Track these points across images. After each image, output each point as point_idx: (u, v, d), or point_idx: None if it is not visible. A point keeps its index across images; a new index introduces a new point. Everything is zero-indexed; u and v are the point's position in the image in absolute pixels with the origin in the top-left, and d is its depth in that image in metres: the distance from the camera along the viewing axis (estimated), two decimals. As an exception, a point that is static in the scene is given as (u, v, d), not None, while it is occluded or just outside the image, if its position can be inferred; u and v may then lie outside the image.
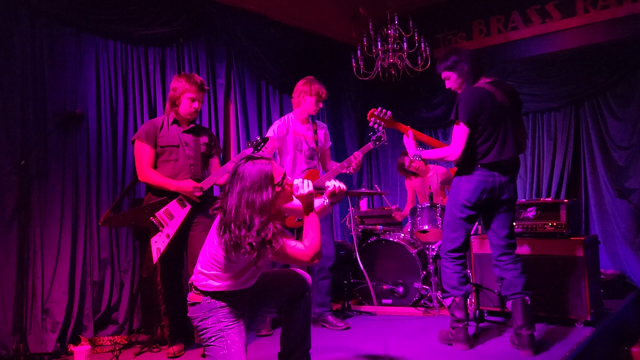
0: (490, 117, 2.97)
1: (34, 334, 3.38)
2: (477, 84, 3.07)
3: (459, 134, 2.97)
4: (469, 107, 2.95)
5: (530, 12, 5.43)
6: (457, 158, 2.98)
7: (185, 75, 3.34)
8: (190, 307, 2.35)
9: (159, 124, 3.31)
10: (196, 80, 3.28)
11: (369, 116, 3.34)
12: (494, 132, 2.99)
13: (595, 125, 5.22)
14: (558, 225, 3.56)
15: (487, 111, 2.97)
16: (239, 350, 2.25)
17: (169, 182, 3.18)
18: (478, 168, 3.01)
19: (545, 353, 2.93)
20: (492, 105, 2.98)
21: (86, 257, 3.72)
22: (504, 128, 3.01)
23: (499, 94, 3.02)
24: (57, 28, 3.68)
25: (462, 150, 2.95)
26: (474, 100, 2.98)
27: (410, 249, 4.27)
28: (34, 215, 3.48)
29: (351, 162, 3.72)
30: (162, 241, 3.14)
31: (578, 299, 3.43)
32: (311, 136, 3.86)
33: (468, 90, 3.07)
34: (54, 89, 3.63)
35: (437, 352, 3.09)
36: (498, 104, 3.00)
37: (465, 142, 2.95)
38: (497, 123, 2.99)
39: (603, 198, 5.15)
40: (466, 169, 3.04)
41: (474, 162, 3.01)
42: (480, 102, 2.97)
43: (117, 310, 3.83)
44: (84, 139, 3.78)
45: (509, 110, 3.04)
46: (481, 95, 3.00)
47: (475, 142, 2.99)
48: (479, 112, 2.95)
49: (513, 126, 3.06)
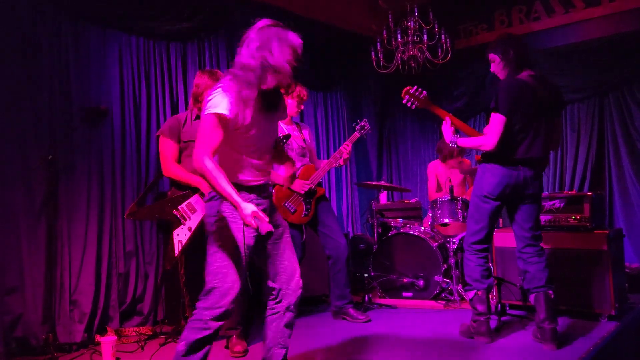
0: (526, 112, 2.93)
1: (62, 324, 3.46)
2: (519, 76, 3.02)
3: (495, 123, 2.92)
4: (509, 97, 2.91)
5: (554, 2, 5.34)
6: (492, 148, 2.93)
7: (208, 71, 3.38)
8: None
9: (182, 120, 3.36)
10: (218, 77, 3.31)
11: (404, 93, 3.28)
12: (526, 127, 2.94)
13: (620, 117, 5.12)
14: (582, 219, 3.52)
15: (524, 105, 2.92)
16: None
17: (192, 177, 3.23)
18: (504, 161, 2.97)
19: (568, 347, 2.92)
20: (530, 100, 2.93)
21: (112, 250, 3.79)
22: (537, 125, 2.97)
23: (540, 90, 2.97)
24: (82, 25, 3.74)
25: (497, 140, 2.90)
26: (514, 90, 2.93)
27: (431, 242, 4.26)
28: (62, 209, 3.55)
29: (342, 153, 3.77)
30: (184, 234, 3.19)
31: (602, 293, 3.40)
32: (298, 136, 3.91)
33: (509, 80, 3.01)
34: (79, 85, 3.69)
35: (459, 345, 3.09)
36: (537, 100, 2.95)
37: (501, 132, 2.90)
38: (532, 119, 2.95)
39: (628, 190, 5.06)
40: (492, 160, 3.01)
41: (501, 155, 2.97)
42: (519, 94, 2.92)
43: (142, 302, 3.89)
44: (108, 134, 3.85)
45: (547, 107, 2.99)
46: (522, 87, 2.95)
47: (507, 134, 2.94)
48: (517, 103, 2.91)
49: (547, 125, 3.01)
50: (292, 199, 3.75)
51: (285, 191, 3.75)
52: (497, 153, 2.97)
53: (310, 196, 3.79)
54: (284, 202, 3.73)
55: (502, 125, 2.90)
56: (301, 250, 3.77)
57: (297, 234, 3.74)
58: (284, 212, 3.71)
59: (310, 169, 3.86)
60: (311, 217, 3.79)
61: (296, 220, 3.72)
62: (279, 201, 3.74)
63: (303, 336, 3.49)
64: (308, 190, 3.76)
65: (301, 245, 3.77)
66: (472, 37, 5.92)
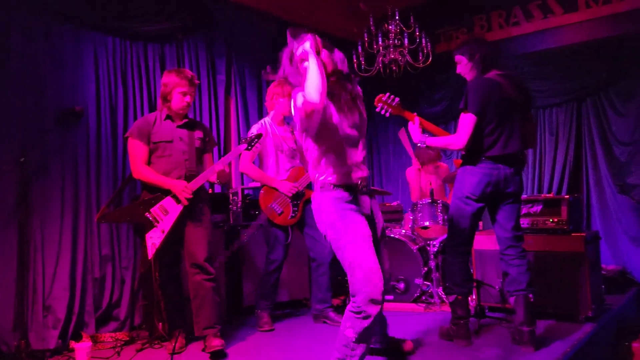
0: (498, 109, 2.94)
1: (35, 330, 3.37)
2: (487, 75, 3.04)
3: (465, 122, 2.93)
4: (478, 96, 2.93)
5: (532, 7, 5.40)
6: (461, 147, 2.94)
7: (176, 70, 3.33)
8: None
9: (152, 120, 3.30)
10: (187, 75, 3.27)
11: (377, 101, 3.28)
12: (500, 124, 2.96)
13: (597, 121, 5.20)
14: (559, 222, 3.55)
15: (495, 102, 2.94)
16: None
17: (162, 180, 3.18)
18: (483, 160, 2.98)
19: (546, 349, 2.93)
20: (500, 97, 2.95)
21: (87, 254, 3.71)
22: (511, 121, 2.99)
23: (509, 87, 3.00)
24: (56, 24, 3.67)
25: (467, 139, 2.92)
26: (483, 90, 2.95)
27: (412, 245, 4.26)
28: (34, 212, 3.47)
29: None
30: (157, 236, 3.14)
31: (579, 295, 3.43)
32: (290, 137, 3.88)
33: (477, 80, 3.04)
34: (53, 85, 3.62)
35: (438, 348, 3.09)
36: (507, 97, 2.97)
37: (471, 132, 2.92)
38: (505, 116, 2.97)
39: (605, 194, 5.13)
40: (471, 161, 3.02)
41: (479, 154, 2.99)
42: (489, 92, 2.94)
43: (119, 307, 3.82)
44: (83, 136, 3.78)
45: (517, 104, 3.02)
46: (490, 85, 2.97)
47: (481, 133, 2.96)
48: (487, 102, 2.93)
49: (521, 120, 3.04)
50: (279, 200, 3.72)
51: (273, 192, 3.72)
52: (475, 153, 2.99)
53: (297, 198, 3.77)
54: (271, 203, 3.70)
55: (473, 125, 2.92)
56: (285, 251, 3.75)
57: (282, 235, 3.72)
58: (271, 212, 3.68)
59: (299, 171, 3.82)
60: (298, 219, 3.76)
61: (282, 222, 3.70)
62: (265, 202, 3.71)
63: (283, 339, 3.46)
64: (296, 193, 3.74)
65: (285, 246, 3.74)
66: (453, 42, 5.95)
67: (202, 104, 4.64)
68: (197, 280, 3.20)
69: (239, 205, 4.30)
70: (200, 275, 3.20)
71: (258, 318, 3.75)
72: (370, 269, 2.24)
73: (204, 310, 3.19)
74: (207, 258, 3.22)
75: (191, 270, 3.22)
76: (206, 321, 3.19)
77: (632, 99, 4.97)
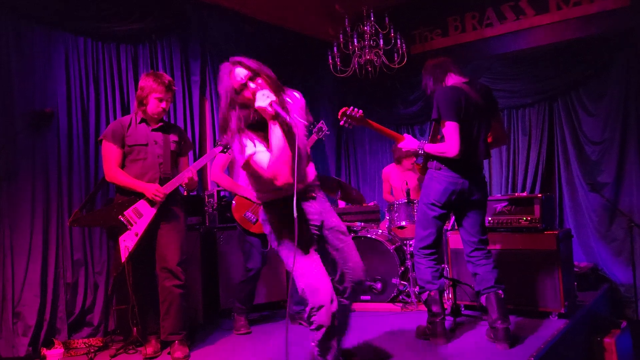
0: (465, 117, 2.98)
1: (4, 337, 3.30)
2: (452, 83, 3.09)
3: (450, 131, 2.95)
4: (450, 103, 2.96)
5: (505, 9, 5.48)
6: (456, 154, 2.94)
7: (153, 74, 3.27)
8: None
9: (126, 123, 3.25)
10: (164, 80, 3.22)
11: (341, 115, 3.29)
12: (466, 132, 2.99)
13: (568, 121, 5.29)
14: (532, 220, 3.60)
15: (464, 108, 2.98)
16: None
17: (135, 183, 3.14)
18: (448, 168, 3.01)
19: (520, 346, 2.97)
20: (466, 104, 2.99)
21: (59, 259, 3.64)
22: (476, 130, 3.03)
23: (473, 94, 3.04)
24: (25, 25, 3.59)
25: (457, 145, 2.93)
26: (452, 96, 2.99)
27: (388, 245, 4.28)
28: (3, 217, 3.39)
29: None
30: (130, 240, 3.10)
31: (552, 292, 3.48)
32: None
33: (444, 88, 3.07)
34: (22, 87, 3.54)
35: (414, 347, 3.11)
36: (472, 103, 3.01)
37: (459, 137, 2.93)
38: (470, 123, 3.01)
39: (577, 192, 5.23)
40: (437, 167, 3.06)
41: (445, 161, 3.02)
42: (458, 98, 2.98)
43: (92, 312, 3.76)
44: (54, 139, 3.70)
45: (482, 110, 3.06)
46: (456, 92, 3.01)
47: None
48: (459, 107, 2.96)
49: (486, 128, 3.09)
50: (252, 208, 3.69)
51: (245, 201, 3.70)
52: (442, 160, 3.02)
53: None
54: (245, 212, 3.68)
55: (457, 130, 2.94)
56: (263, 259, 3.72)
57: (259, 243, 3.68)
58: (245, 222, 3.65)
59: None
60: None
61: (258, 230, 3.66)
62: (239, 212, 3.68)
63: (259, 342, 3.44)
64: None
65: (263, 254, 3.71)
66: (428, 43, 6.01)
67: (177, 106, 4.59)
68: (166, 285, 3.17)
69: (214, 207, 4.26)
70: (170, 281, 3.17)
71: (235, 321, 3.72)
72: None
73: (170, 316, 3.17)
74: (179, 262, 3.19)
75: (161, 274, 3.19)
76: (172, 327, 3.17)
77: (602, 99, 5.07)
